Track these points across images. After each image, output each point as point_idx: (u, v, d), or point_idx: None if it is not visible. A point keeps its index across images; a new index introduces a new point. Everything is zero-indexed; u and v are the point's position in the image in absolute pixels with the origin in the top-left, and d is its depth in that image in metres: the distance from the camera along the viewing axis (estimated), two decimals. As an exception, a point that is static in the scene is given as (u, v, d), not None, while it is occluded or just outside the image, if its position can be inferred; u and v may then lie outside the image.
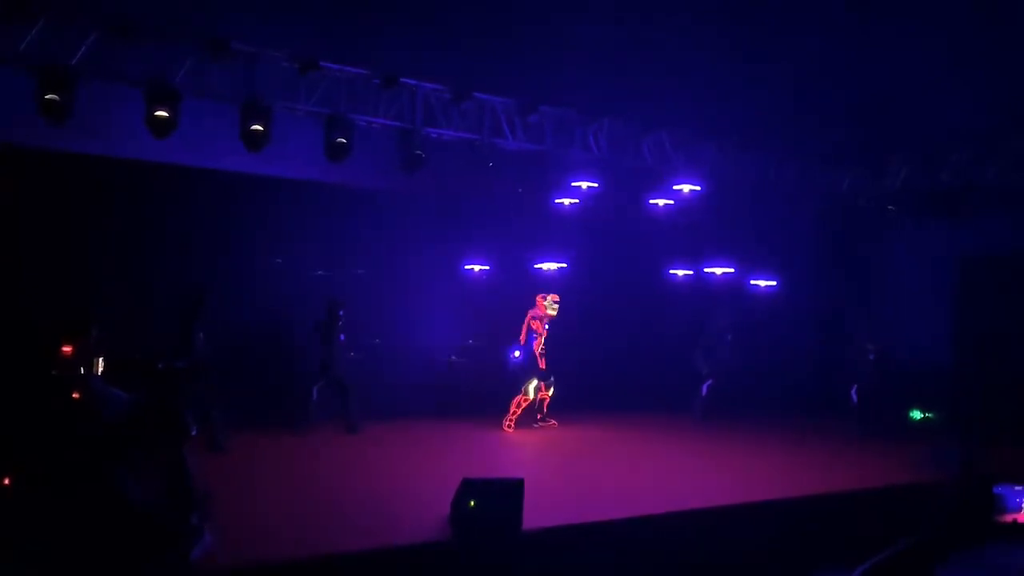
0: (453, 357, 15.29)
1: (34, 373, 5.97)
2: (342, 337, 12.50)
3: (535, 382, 13.42)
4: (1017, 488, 6.29)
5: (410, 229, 14.26)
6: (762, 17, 12.81)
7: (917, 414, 15.49)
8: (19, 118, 9.99)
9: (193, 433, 4.70)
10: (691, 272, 16.07)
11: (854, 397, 14.69)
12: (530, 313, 13.58)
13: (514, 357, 13.55)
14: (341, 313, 12.48)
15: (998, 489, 6.30)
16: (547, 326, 13.56)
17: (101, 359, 6.63)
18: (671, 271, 15.96)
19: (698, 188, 13.76)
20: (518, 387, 13.45)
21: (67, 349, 6.85)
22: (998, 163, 13.92)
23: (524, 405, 13.35)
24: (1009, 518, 6.15)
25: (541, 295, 13.61)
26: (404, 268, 14.37)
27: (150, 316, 11.13)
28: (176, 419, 3.88)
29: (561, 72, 12.60)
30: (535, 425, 13.52)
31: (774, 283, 15.40)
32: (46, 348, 6.54)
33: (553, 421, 13.69)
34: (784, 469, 11.16)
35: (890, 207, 15.62)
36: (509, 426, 13.21)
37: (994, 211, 14.64)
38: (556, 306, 13.50)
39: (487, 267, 14.70)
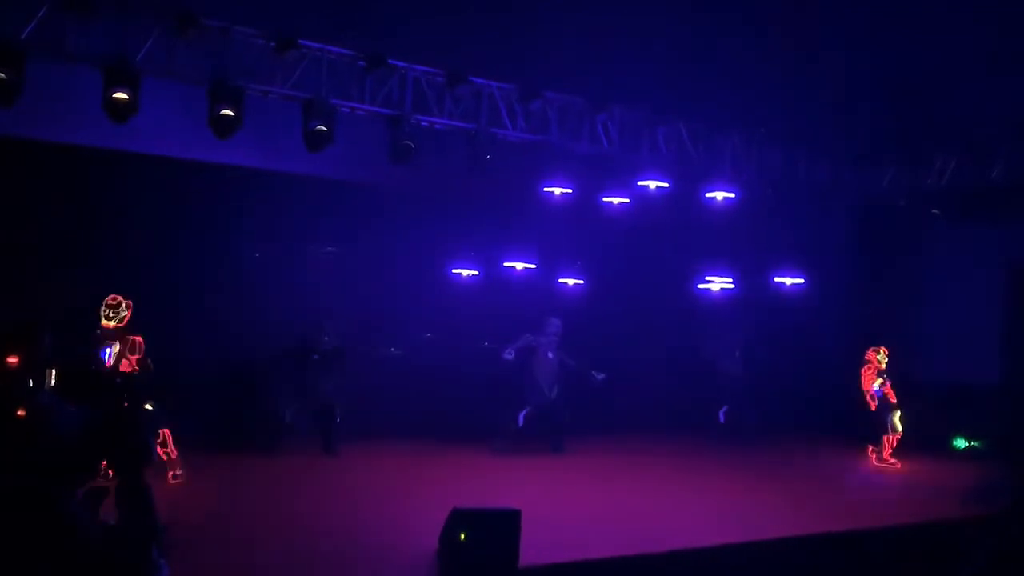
0: (429, 334, 15.36)
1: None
2: (315, 356, 12.78)
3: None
4: None
5: (398, 227, 14.27)
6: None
7: (962, 442, 15.52)
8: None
9: (154, 457, 4.67)
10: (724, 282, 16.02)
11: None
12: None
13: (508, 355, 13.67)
14: (326, 339, 12.83)
15: None
16: None
17: (53, 371, 6.56)
18: (700, 284, 15.90)
19: (732, 195, 13.73)
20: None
21: (12, 360, 6.81)
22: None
23: None
24: None
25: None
26: (391, 268, 14.37)
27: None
28: (136, 440, 3.88)
29: (567, 54, 12.61)
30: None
31: (801, 280, 15.36)
32: None
33: None
34: (802, 501, 11.21)
35: (934, 210, 15.59)
36: None
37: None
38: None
39: (476, 272, 14.70)
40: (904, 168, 15.41)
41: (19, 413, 3.60)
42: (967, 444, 15.55)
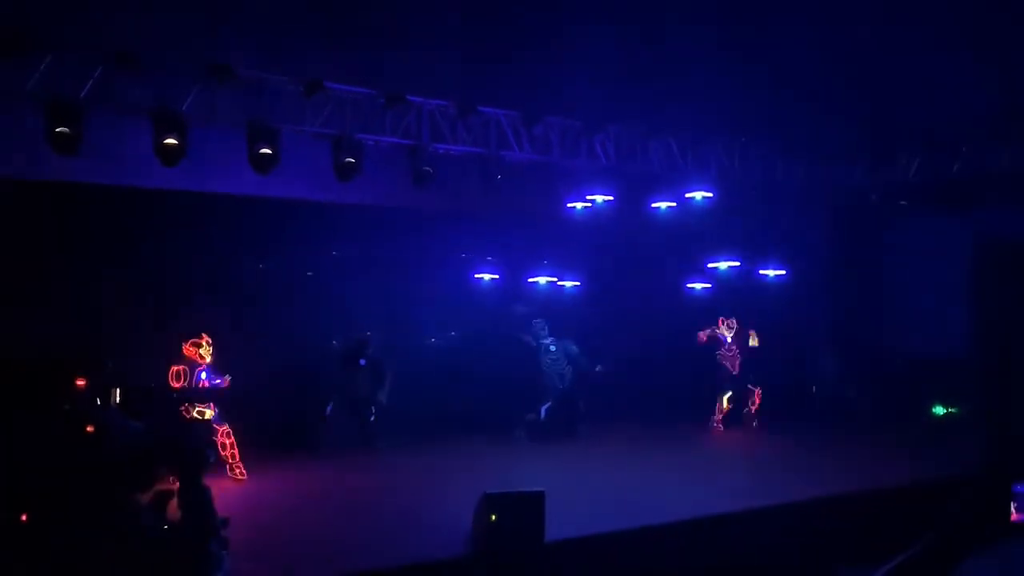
0: (453, 332, 15.36)
1: (47, 408, 5.98)
2: (362, 362, 12.82)
3: None
4: None
5: (423, 242, 14.27)
6: (764, 13, 12.78)
7: (940, 409, 15.37)
8: (33, 152, 10.05)
9: (212, 460, 4.74)
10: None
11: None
12: None
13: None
14: (370, 349, 12.92)
15: (1017, 487, 6.22)
16: None
17: (117, 390, 6.62)
18: (688, 284, 15.79)
19: (711, 195, 13.68)
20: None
21: (80, 383, 6.87)
22: (1011, 150, 13.78)
23: None
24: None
25: None
26: (417, 278, 14.38)
27: (169, 345, 11.14)
28: (192, 448, 3.90)
29: (564, 82, 12.61)
30: None
31: (783, 272, 15.26)
32: (59, 382, 6.56)
33: None
34: (800, 471, 11.12)
35: (902, 202, 15.48)
36: None
37: (1008, 198, 14.49)
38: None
39: (496, 276, 14.68)
40: (873, 165, 15.33)
41: (88, 429, 3.63)
42: (946, 411, 15.40)
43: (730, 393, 14.83)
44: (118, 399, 6.42)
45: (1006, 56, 12.21)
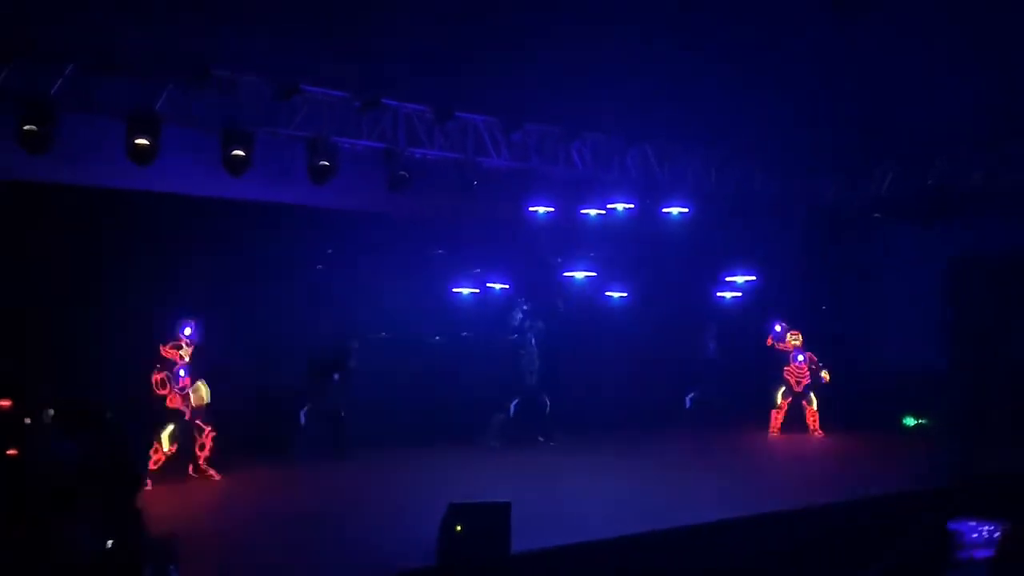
0: (437, 337, 15.16)
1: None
2: (336, 377, 12.75)
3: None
4: (972, 524, 6.17)
5: (398, 251, 14.10)
6: (741, 27, 12.75)
7: (911, 420, 15.36)
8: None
9: (146, 483, 4.58)
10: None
11: None
12: None
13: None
14: (351, 362, 12.83)
15: (954, 525, 6.20)
16: None
17: (50, 410, 6.41)
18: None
19: (687, 210, 13.65)
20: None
21: (4, 403, 6.63)
22: (984, 165, 13.84)
23: None
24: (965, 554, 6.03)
25: None
26: (392, 284, 14.19)
27: (120, 355, 10.95)
28: (127, 468, 3.77)
29: (543, 89, 12.51)
30: None
31: (739, 295, 15.34)
32: None
33: None
34: (766, 483, 11.08)
35: (876, 214, 15.51)
36: None
37: (981, 212, 14.55)
38: None
39: (477, 290, 14.54)
40: (848, 178, 15.35)
41: (9, 452, 3.51)
42: (916, 422, 15.39)
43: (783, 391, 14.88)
44: (51, 418, 6.14)
45: (981, 70, 12.23)
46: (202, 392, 10.80)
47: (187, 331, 10.83)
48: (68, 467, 3.66)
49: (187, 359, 10.77)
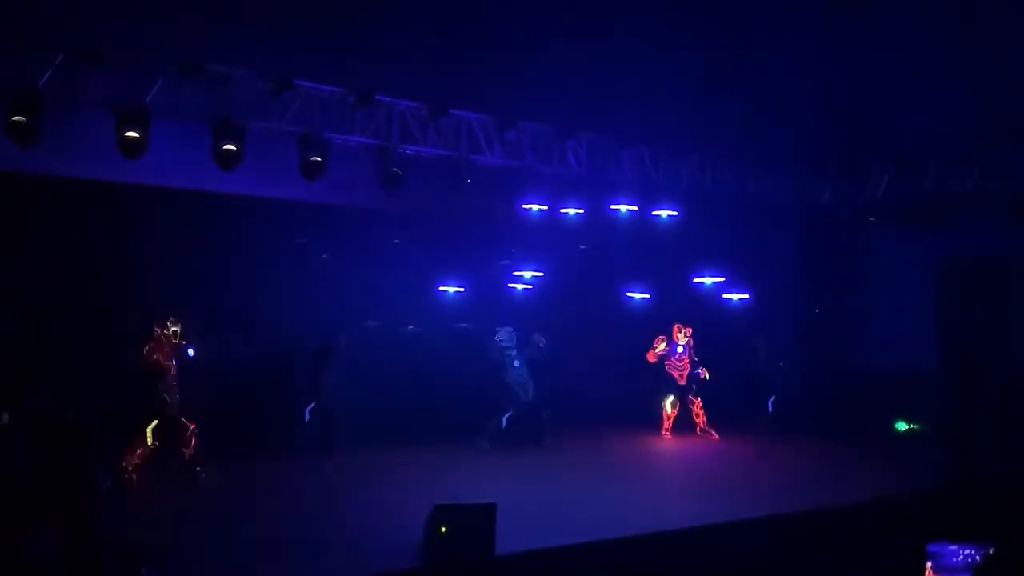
0: (411, 327, 15.09)
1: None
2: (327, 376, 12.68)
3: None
4: (952, 547, 6.10)
5: (389, 246, 14.02)
6: (738, 30, 12.70)
7: (903, 425, 15.29)
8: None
9: (105, 489, 4.47)
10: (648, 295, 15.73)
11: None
12: None
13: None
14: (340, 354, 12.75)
15: (931, 547, 6.13)
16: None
17: (5, 414, 6.25)
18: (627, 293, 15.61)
19: (675, 213, 13.57)
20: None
21: None
22: (978, 169, 13.78)
23: None
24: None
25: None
26: (382, 281, 14.09)
27: (105, 348, 10.84)
28: (86, 477, 3.66)
29: (538, 88, 12.44)
30: None
31: (747, 296, 15.25)
32: None
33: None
34: (754, 487, 11.00)
35: (871, 218, 15.44)
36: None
37: (975, 216, 14.49)
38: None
39: (462, 288, 14.45)
40: (844, 182, 15.28)
41: None
42: (907, 427, 15.33)
43: (672, 398, 14.75)
44: (4, 422, 5.96)
45: (975, 76, 12.20)
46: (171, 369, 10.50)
47: (174, 328, 10.58)
48: (25, 472, 3.56)
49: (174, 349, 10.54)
